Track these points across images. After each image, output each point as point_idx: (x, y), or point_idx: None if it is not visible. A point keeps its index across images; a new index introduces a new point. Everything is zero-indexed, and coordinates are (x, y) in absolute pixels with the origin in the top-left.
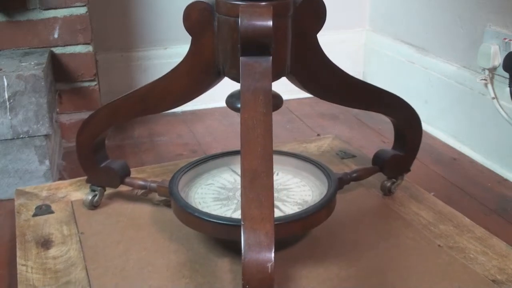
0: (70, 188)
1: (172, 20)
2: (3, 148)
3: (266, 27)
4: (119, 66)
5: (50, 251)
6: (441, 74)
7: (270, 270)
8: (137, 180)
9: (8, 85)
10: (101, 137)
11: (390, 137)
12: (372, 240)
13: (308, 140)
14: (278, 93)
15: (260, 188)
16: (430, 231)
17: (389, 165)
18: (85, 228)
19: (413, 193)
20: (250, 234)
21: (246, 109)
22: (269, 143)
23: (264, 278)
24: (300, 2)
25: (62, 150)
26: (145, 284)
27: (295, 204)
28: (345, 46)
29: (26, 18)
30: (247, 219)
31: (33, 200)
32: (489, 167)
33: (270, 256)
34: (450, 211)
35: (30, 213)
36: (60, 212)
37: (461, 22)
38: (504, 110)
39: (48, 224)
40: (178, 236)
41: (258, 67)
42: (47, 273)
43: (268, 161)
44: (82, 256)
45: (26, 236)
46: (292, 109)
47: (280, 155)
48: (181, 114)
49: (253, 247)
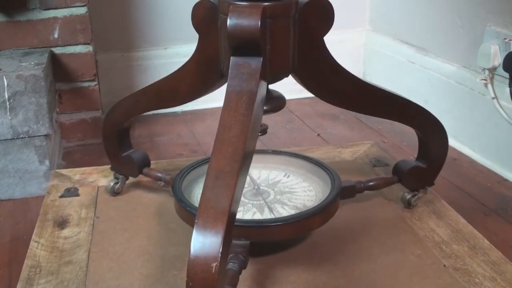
0: (101, 174)
1: (172, 20)
2: (3, 148)
3: (254, 28)
4: (119, 66)
5: (63, 231)
6: (441, 74)
7: (214, 270)
8: (154, 172)
9: (8, 85)
10: (124, 126)
11: (390, 137)
12: (373, 252)
13: (345, 145)
14: (281, 94)
15: (221, 188)
16: (440, 249)
17: (408, 177)
18: (101, 213)
19: (435, 208)
20: (200, 232)
21: (227, 109)
22: (241, 145)
23: (207, 278)
24: (305, 3)
25: (62, 150)
26: (136, 271)
27: (293, 208)
28: (345, 46)
29: (26, 18)
30: (200, 217)
31: (65, 182)
32: (489, 167)
33: (216, 256)
34: (471, 231)
35: (58, 194)
36: (85, 196)
37: (461, 22)
38: (504, 110)
39: (71, 206)
40: (183, 230)
41: (247, 68)
42: (54, 251)
43: (236, 162)
44: (90, 239)
45: (47, 215)
46: (292, 109)
47: (296, 158)
48: (181, 114)
49: (201, 245)
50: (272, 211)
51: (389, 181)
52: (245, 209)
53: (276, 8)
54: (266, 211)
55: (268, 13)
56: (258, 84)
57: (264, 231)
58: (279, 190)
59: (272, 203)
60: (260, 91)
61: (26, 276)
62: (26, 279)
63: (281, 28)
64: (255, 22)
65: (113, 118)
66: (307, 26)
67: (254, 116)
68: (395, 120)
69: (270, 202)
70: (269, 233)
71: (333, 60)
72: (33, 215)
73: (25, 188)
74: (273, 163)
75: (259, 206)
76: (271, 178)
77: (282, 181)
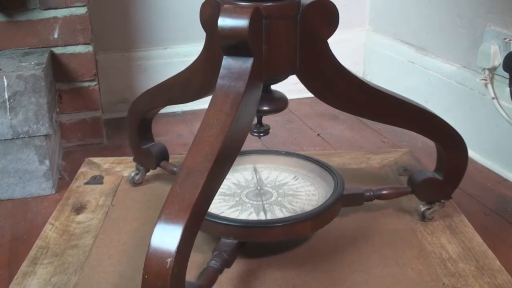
0: (129, 165)
1: (172, 20)
2: (3, 148)
3: (242, 28)
4: (119, 66)
5: (78, 216)
6: (441, 74)
7: (168, 265)
8: (170, 166)
9: (8, 85)
10: (146, 119)
11: (390, 137)
12: (371, 263)
13: (376, 151)
14: (284, 95)
15: (189, 185)
16: (444, 267)
17: (421, 188)
18: (118, 201)
19: (452, 223)
20: (161, 227)
21: (212, 107)
22: (218, 144)
23: (161, 272)
24: (307, 4)
25: (62, 150)
26: (132, 261)
27: (291, 211)
28: (345, 46)
29: (26, 18)
30: (163, 212)
31: (93, 170)
32: (489, 167)
33: (171, 251)
34: (484, 250)
35: (84, 181)
36: (108, 184)
37: (461, 22)
38: (504, 110)
39: (92, 193)
40: None
41: (237, 67)
42: (64, 235)
43: (208, 161)
44: (100, 225)
45: (69, 200)
46: (292, 109)
47: (308, 161)
48: (181, 114)
49: (160, 240)
50: (265, 213)
51: (401, 191)
52: (243, 208)
53: (272, 8)
54: (262, 212)
55: (265, 13)
56: (248, 85)
57: (251, 232)
58: (283, 192)
59: (271, 205)
60: (251, 92)
61: (33, 255)
62: (32, 258)
63: (279, 29)
64: (243, 22)
65: (134, 110)
66: (310, 28)
67: (238, 116)
68: (411, 130)
69: (271, 203)
70: (256, 234)
71: (338, 64)
72: (33, 215)
73: (25, 188)
74: (285, 165)
75: (257, 206)
76: (279, 180)
77: (289, 183)
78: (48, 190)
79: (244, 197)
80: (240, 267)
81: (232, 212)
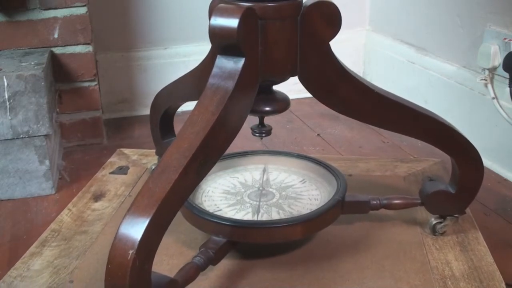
0: (156, 157)
1: (172, 20)
2: (3, 148)
3: (232, 29)
4: (119, 66)
5: (95, 204)
6: (441, 74)
7: (130, 257)
8: None
9: (8, 85)
10: (167, 114)
11: (390, 137)
12: (366, 275)
13: (406, 159)
14: (286, 96)
15: (162, 181)
16: (443, 284)
17: (431, 200)
18: (135, 192)
19: (465, 240)
20: (129, 219)
21: (199, 105)
22: (197, 142)
23: (122, 263)
24: (308, 6)
25: (62, 150)
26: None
27: (289, 214)
28: (345, 46)
29: (26, 18)
30: (134, 205)
31: (121, 161)
32: (489, 167)
33: (134, 244)
34: (492, 271)
35: (110, 170)
36: (131, 175)
37: (461, 22)
38: (504, 110)
39: (115, 182)
40: None
41: (228, 67)
42: (77, 220)
43: (185, 158)
44: (112, 214)
45: (92, 187)
46: (292, 109)
47: (318, 165)
48: (181, 114)
49: (126, 231)
50: (258, 214)
51: (410, 202)
52: (241, 208)
53: (268, 9)
54: (256, 213)
55: (260, 14)
56: (238, 85)
57: (240, 232)
58: (285, 194)
59: (270, 206)
60: (241, 92)
61: (44, 238)
62: (43, 240)
63: (276, 30)
64: (233, 23)
65: (155, 105)
66: (310, 30)
67: (224, 115)
68: (423, 140)
69: (269, 205)
70: (245, 235)
71: (341, 67)
72: (33, 215)
73: (25, 188)
74: (295, 167)
75: (255, 207)
76: (286, 182)
77: (295, 186)
78: (48, 190)
79: (246, 197)
80: (232, 266)
81: (229, 211)
